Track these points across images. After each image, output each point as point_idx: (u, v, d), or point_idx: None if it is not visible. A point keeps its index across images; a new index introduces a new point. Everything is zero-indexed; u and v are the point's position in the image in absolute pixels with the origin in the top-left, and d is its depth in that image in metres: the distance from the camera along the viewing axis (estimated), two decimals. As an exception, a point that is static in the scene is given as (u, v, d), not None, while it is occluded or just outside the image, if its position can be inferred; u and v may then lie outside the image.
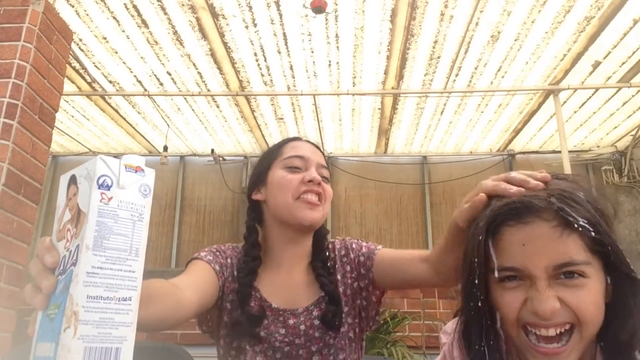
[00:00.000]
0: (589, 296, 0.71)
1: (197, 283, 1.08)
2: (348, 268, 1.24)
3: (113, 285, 0.58)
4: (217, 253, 1.21)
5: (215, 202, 5.67)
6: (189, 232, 5.54)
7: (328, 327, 1.15)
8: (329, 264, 1.24)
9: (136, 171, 0.62)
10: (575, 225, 0.71)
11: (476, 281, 0.76)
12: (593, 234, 0.71)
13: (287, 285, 1.20)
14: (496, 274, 0.74)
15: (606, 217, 0.76)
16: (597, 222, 0.72)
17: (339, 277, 1.22)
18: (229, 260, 1.20)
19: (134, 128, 5.05)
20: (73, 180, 0.64)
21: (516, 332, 0.74)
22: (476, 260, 0.76)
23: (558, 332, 0.71)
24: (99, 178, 0.59)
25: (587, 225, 0.71)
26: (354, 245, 1.26)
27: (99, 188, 0.59)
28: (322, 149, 1.32)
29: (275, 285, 1.20)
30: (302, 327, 1.16)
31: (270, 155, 1.27)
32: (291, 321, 1.16)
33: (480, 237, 0.75)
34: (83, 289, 0.56)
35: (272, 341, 1.14)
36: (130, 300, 0.59)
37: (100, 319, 0.56)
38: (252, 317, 1.14)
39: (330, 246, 1.29)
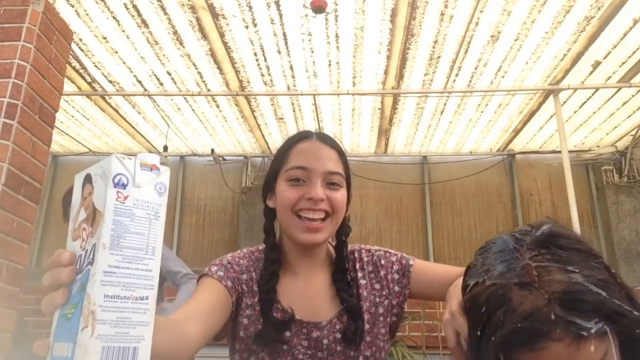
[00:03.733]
0: None
1: (202, 310, 1.02)
2: (377, 286, 1.18)
3: (130, 285, 0.58)
4: (230, 266, 1.14)
5: (215, 202, 5.67)
6: (189, 232, 5.54)
7: (348, 343, 1.12)
8: (348, 276, 1.18)
9: (151, 169, 0.62)
10: (590, 333, 0.64)
11: None
12: (605, 326, 0.64)
13: (306, 294, 1.15)
14: None
15: (608, 282, 0.68)
16: (606, 307, 0.65)
17: (364, 293, 1.18)
18: (244, 276, 1.14)
19: (134, 128, 5.05)
20: (88, 179, 0.63)
21: None
22: None
23: None
24: (114, 177, 0.59)
25: (599, 325, 0.64)
26: (382, 261, 1.20)
27: (114, 187, 0.59)
28: (338, 145, 1.19)
29: (295, 295, 1.15)
30: (325, 341, 1.12)
31: (278, 161, 1.18)
32: (315, 334, 1.12)
33: None
34: (100, 288, 0.56)
35: (295, 354, 1.10)
36: (147, 299, 0.59)
37: (118, 318, 0.56)
38: (278, 323, 1.09)
39: (352, 256, 1.22)
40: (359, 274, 1.20)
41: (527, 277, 0.68)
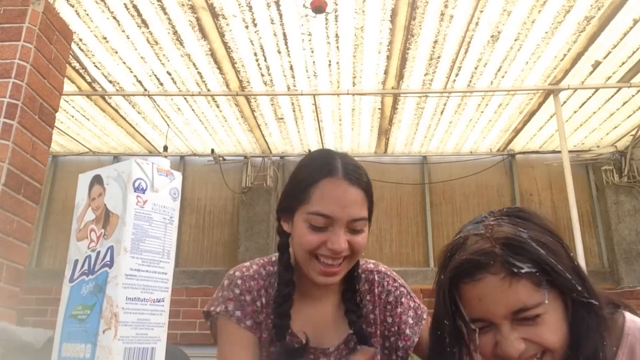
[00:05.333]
0: (550, 328, 0.79)
1: None
2: (390, 320, 1.17)
3: (149, 287, 0.59)
4: (243, 298, 1.10)
5: (215, 202, 5.67)
6: (189, 232, 5.54)
7: None
8: (358, 297, 1.15)
9: (167, 175, 0.64)
10: (521, 272, 0.78)
11: (447, 336, 0.85)
12: (538, 274, 0.78)
13: (315, 318, 1.13)
14: (473, 326, 0.82)
15: (551, 247, 0.82)
16: (542, 260, 0.79)
17: (377, 320, 1.16)
18: (258, 304, 1.11)
19: (134, 128, 5.05)
20: (98, 180, 0.64)
21: None
22: (445, 313, 0.85)
23: None
24: (134, 181, 0.60)
25: (531, 270, 0.78)
26: (403, 299, 1.18)
27: (135, 191, 0.60)
28: (363, 181, 1.09)
29: (305, 318, 1.12)
30: None
31: (299, 194, 1.08)
32: None
33: (445, 296, 0.85)
34: (122, 291, 0.57)
35: None
36: (163, 301, 0.61)
37: (138, 320, 0.58)
38: (292, 351, 1.07)
39: (371, 276, 1.19)
40: (376, 299, 1.18)
41: (485, 229, 0.85)
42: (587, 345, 0.79)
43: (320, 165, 1.10)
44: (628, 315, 0.88)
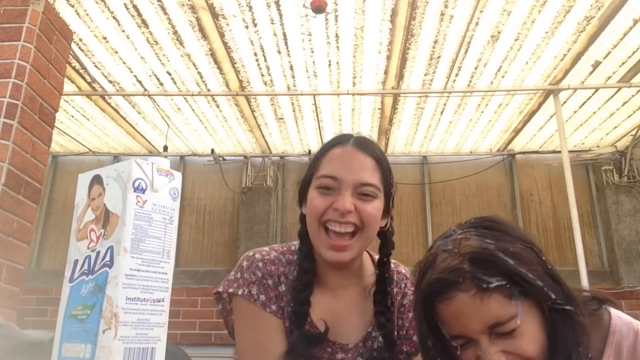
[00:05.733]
0: (528, 339, 0.79)
1: (280, 348, 1.02)
2: (400, 322, 1.16)
3: (149, 287, 0.60)
4: (265, 282, 1.07)
5: (215, 202, 5.67)
6: (189, 232, 5.54)
7: None
8: (388, 299, 1.12)
9: (166, 175, 0.64)
10: (491, 287, 0.78)
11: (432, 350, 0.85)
12: (508, 286, 0.78)
13: (335, 311, 1.10)
14: (454, 343, 0.82)
15: (521, 255, 0.81)
16: (510, 271, 0.78)
17: (398, 322, 1.14)
18: (281, 288, 1.08)
19: (134, 128, 5.05)
20: (98, 180, 0.64)
21: None
22: (426, 332, 0.85)
23: None
24: (134, 181, 0.60)
25: (501, 282, 0.78)
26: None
27: (134, 191, 0.60)
28: (376, 152, 1.10)
29: (323, 308, 1.09)
30: None
31: (312, 166, 1.11)
32: (339, 356, 1.08)
33: (422, 315, 0.85)
34: (122, 291, 0.57)
35: None
36: (163, 301, 0.61)
37: (138, 320, 0.58)
38: (311, 337, 1.04)
39: (396, 276, 1.18)
40: (393, 299, 1.16)
41: (452, 245, 0.84)
42: (561, 352, 0.79)
43: (332, 139, 1.13)
44: (614, 312, 0.87)
